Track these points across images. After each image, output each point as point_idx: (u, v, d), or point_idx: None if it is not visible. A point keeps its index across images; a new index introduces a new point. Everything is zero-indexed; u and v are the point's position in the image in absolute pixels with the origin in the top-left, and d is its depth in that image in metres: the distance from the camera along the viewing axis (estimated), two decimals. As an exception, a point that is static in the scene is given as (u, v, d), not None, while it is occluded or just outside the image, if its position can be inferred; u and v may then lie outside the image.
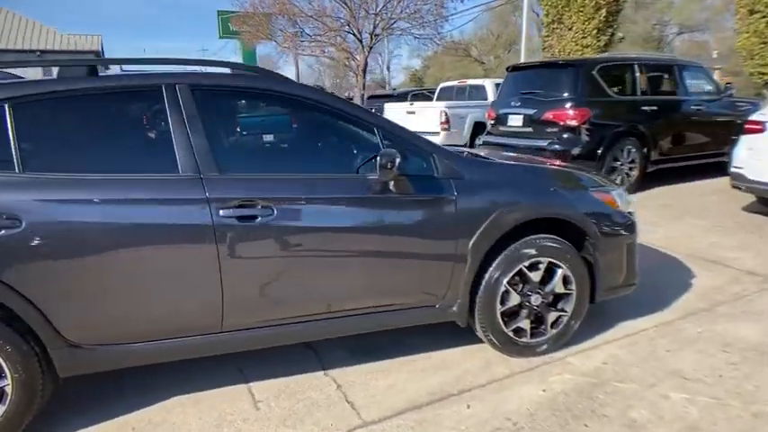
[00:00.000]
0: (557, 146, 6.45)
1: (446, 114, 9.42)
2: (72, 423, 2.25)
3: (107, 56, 31.24)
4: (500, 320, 2.61)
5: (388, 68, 25.41)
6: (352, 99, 21.06)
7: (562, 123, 6.41)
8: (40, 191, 1.95)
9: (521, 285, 2.63)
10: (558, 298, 2.72)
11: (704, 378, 2.48)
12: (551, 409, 2.29)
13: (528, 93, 6.95)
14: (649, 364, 2.62)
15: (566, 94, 6.48)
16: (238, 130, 2.34)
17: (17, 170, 1.95)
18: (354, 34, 18.13)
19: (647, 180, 6.89)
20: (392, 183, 2.30)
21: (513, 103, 7.11)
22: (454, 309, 2.55)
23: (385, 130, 2.40)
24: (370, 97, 14.84)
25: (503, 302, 2.59)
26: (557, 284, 2.66)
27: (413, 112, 10.00)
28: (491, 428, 2.17)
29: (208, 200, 2.10)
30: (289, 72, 33.22)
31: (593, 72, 6.48)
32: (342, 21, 17.57)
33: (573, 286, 2.69)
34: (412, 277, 2.47)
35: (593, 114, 6.33)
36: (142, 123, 2.19)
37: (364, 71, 19.07)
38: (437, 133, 9.48)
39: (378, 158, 2.16)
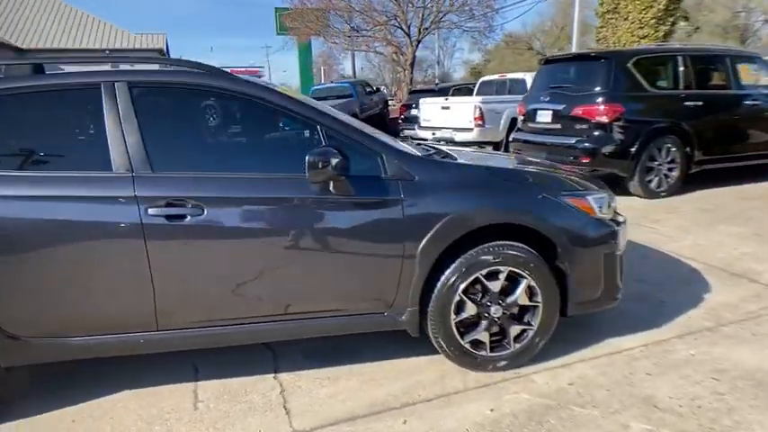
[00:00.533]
0: (586, 144, 6.05)
1: (480, 110, 9.11)
2: (15, 412, 2.33)
3: (172, 54, 32.94)
4: (455, 331, 2.45)
5: (439, 63, 25.00)
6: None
7: (592, 120, 6.00)
8: None
9: (480, 295, 2.46)
10: (524, 310, 2.52)
11: (678, 408, 2.21)
12: (492, 432, 2.12)
13: (557, 87, 6.57)
14: (621, 389, 2.37)
15: (597, 89, 6.05)
16: (179, 126, 2.31)
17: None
18: (402, 28, 18.01)
19: (690, 182, 6.33)
20: (331, 183, 2.20)
21: (542, 98, 6.75)
22: (404, 317, 2.42)
23: (329, 129, 2.30)
24: (412, 92, 14.64)
25: (458, 312, 2.43)
26: (520, 296, 2.46)
27: (447, 108, 9.76)
28: (420, 448, 2.04)
29: (137, 198, 2.10)
30: (347, 67, 33.28)
31: (628, 65, 6.00)
32: (389, 15, 17.48)
33: (539, 298, 2.47)
34: (356, 283, 2.36)
35: (627, 110, 5.88)
36: (82, 121, 2.22)
37: (412, 65, 18.91)
38: (470, 129, 9.21)
39: (306, 158, 2.07)
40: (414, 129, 10.87)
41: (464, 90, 13.22)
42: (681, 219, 5.18)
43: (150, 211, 2.11)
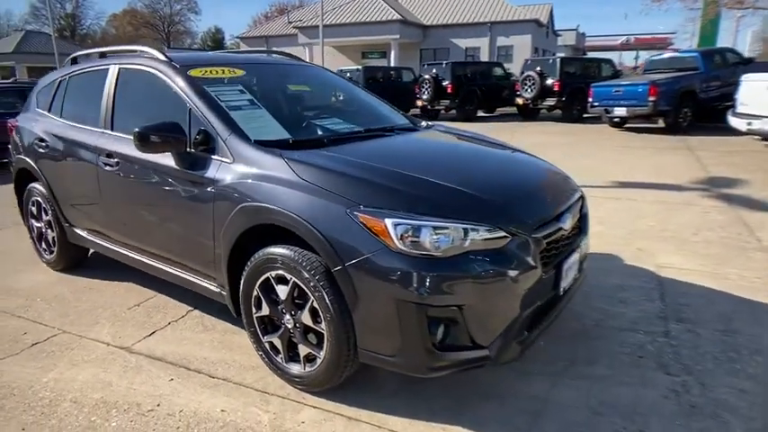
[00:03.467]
0: None
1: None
2: (72, 272, 3.73)
3: (556, 23, 33.00)
4: (257, 326, 2.36)
5: None
6: None
7: None
8: (58, 128, 3.39)
9: (279, 297, 2.26)
10: (318, 333, 2.15)
11: None
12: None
13: None
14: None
15: None
16: (130, 96, 3.02)
17: (58, 116, 3.45)
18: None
19: None
20: (171, 155, 2.50)
21: None
22: (224, 293, 2.50)
23: (194, 106, 2.53)
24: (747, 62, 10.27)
25: (256, 307, 2.33)
26: (304, 314, 2.13)
27: (774, 89, 6.76)
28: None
29: (97, 148, 3.00)
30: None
31: None
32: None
33: (323, 326, 2.07)
34: (188, 247, 2.63)
35: None
36: (100, 92, 3.19)
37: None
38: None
39: (134, 131, 2.42)
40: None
41: None
42: None
43: (100, 157, 2.98)
